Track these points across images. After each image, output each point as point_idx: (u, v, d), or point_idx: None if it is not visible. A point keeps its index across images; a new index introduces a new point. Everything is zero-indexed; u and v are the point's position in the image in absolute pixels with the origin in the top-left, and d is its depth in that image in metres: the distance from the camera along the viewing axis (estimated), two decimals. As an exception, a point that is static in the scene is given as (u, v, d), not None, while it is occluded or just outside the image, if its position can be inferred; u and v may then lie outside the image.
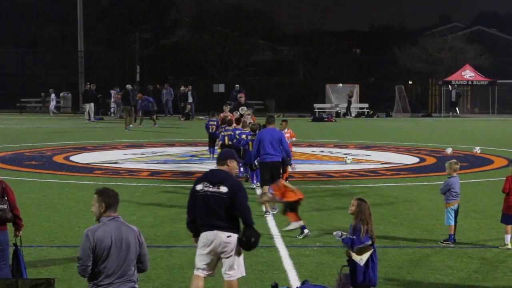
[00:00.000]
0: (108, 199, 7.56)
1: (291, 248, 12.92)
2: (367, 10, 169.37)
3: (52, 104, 54.50)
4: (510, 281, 11.22)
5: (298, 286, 10.29)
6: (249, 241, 9.22)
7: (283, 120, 21.25)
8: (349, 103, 56.12)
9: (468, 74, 58.28)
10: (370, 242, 9.32)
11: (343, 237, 9.51)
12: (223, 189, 9.14)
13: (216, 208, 9.13)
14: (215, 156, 22.74)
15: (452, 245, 13.35)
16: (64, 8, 63.51)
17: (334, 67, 66.17)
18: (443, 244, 13.41)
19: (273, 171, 16.08)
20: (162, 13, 67.44)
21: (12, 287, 8.51)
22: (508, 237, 13.17)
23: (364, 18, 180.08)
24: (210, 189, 9.17)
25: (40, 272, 11.25)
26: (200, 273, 9.38)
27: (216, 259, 9.36)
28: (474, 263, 12.23)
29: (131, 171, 23.15)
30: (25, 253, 12.25)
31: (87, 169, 23.63)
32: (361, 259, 9.39)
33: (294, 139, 21.84)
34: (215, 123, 24.75)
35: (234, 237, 9.19)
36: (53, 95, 54.46)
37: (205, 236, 9.25)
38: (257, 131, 18.55)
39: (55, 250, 12.82)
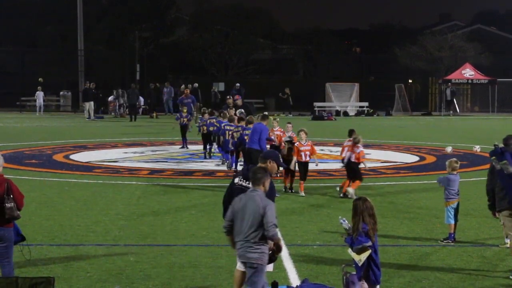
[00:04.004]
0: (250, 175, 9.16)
1: (291, 246, 12.92)
2: (367, 9, 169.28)
3: (39, 102, 54.11)
4: (510, 280, 11.23)
5: (298, 284, 10.30)
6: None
7: (300, 131, 19.53)
8: (286, 101, 55.43)
9: (468, 72, 58.26)
10: (369, 243, 9.32)
11: (344, 225, 9.51)
12: None
13: None
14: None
15: (452, 243, 13.36)
16: (64, 7, 63.42)
17: (334, 66, 66.16)
18: (443, 243, 13.42)
19: (250, 155, 18.69)
20: (162, 12, 67.43)
21: (12, 285, 8.53)
22: (508, 235, 13.17)
23: (364, 17, 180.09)
24: (244, 184, 9.65)
25: (40, 271, 11.26)
26: (238, 267, 9.73)
27: None
28: (474, 261, 12.24)
29: (131, 170, 23.16)
30: (25, 252, 12.29)
31: (87, 167, 23.64)
32: (360, 259, 9.42)
33: (316, 159, 20.09)
34: (186, 116, 29.42)
35: None
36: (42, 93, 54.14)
37: None
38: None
39: (55, 248, 12.82)
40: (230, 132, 23.11)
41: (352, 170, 18.57)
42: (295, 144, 19.24)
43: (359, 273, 9.52)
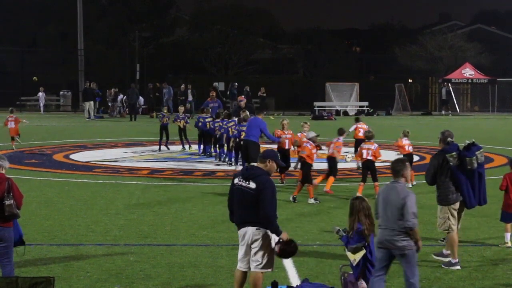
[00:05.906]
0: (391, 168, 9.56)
1: (291, 246, 12.91)
2: (367, 9, 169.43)
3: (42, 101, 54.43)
4: (510, 279, 11.23)
5: (298, 284, 10.30)
6: (278, 254, 9.57)
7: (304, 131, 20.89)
8: (262, 99, 55.39)
9: (468, 72, 58.25)
10: (363, 243, 9.36)
11: (340, 233, 9.61)
12: (252, 185, 9.48)
13: (247, 202, 9.49)
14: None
15: (452, 243, 13.34)
16: (64, 7, 63.44)
17: (334, 65, 66.13)
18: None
19: (247, 147, 20.01)
20: (162, 12, 67.41)
21: (12, 285, 8.53)
22: (508, 235, 13.17)
23: (364, 17, 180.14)
24: (243, 184, 9.55)
25: (40, 271, 11.26)
26: (238, 267, 9.78)
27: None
28: (474, 261, 12.24)
29: (131, 170, 23.16)
30: (19, 251, 12.29)
31: (87, 167, 23.65)
32: (354, 259, 9.45)
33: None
34: (165, 116, 29.21)
35: (263, 231, 9.46)
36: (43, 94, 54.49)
37: (239, 233, 9.69)
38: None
39: (55, 248, 12.83)
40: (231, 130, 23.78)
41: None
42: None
43: (355, 273, 9.55)
